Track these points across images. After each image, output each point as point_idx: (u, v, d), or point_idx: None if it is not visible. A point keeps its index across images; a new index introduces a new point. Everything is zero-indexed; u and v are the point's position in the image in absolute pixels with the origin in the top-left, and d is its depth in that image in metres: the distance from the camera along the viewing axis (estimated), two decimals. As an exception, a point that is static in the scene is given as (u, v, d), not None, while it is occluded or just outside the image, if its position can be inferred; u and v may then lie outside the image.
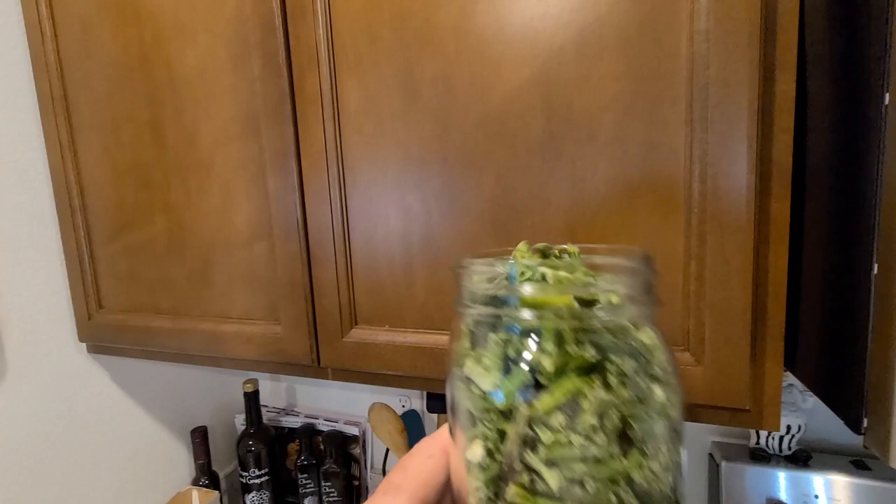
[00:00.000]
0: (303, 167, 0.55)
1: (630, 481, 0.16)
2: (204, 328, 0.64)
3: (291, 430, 1.01)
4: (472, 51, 0.46)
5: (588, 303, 0.16)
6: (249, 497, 0.92)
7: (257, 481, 0.92)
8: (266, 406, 1.04)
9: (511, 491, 0.16)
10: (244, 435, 0.93)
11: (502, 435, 0.16)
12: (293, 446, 1.02)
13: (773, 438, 0.71)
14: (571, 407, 0.16)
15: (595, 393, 0.16)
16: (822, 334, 0.39)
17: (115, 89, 0.64)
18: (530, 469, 0.16)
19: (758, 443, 0.72)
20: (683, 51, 0.40)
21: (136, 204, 0.66)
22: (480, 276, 0.18)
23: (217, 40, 0.57)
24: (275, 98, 0.55)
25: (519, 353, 0.16)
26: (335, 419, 0.99)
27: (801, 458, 0.69)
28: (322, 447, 0.95)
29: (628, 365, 0.16)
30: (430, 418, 0.93)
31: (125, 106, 0.64)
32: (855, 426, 0.31)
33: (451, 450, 0.19)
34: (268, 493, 0.93)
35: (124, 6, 0.61)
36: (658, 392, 0.16)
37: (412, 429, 0.90)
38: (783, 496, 0.69)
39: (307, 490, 0.95)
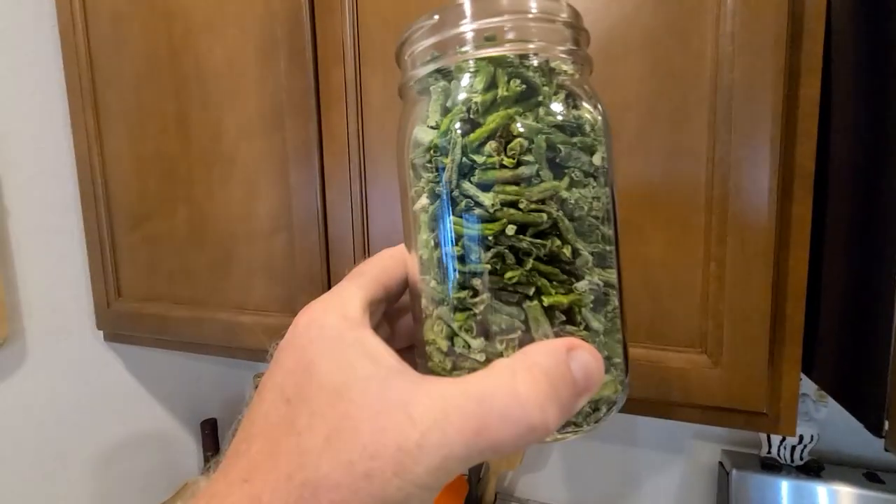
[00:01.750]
0: (325, 161, 0.56)
1: (561, 202, 0.17)
2: (221, 318, 0.65)
3: (299, 425, 1.02)
4: (496, 50, 0.47)
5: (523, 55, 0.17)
6: (256, 490, 0.92)
7: (264, 474, 0.92)
8: (274, 400, 1.04)
9: (452, 220, 0.17)
10: (253, 428, 0.93)
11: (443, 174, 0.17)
12: (300, 441, 1.02)
13: (784, 448, 0.70)
14: (503, 135, 0.16)
15: (524, 121, 0.17)
16: (842, 339, 0.39)
17: (143, 82, 0.65)
18: (467, 196, 0.17)
19: (769, 452, 0.72)
20: (709, 53, 0.41)
21: (159, 195, 0.67)
22: (422, 34, 0.18)
23: (245, 35, 0.58)
24: (300, 92, 0.56)
25: (455, 96, 0.17)
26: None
27: (813, 469, 0.68)
28: (329, 443, 0.96)
29: (555, 103, 0.17)
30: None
31: (152, 99, 0.65)
32: (875, 430, 0.31)
33: (407, 256, 0.20)
34: (274, 487, 0.93)
35: (155, 1, 0.62)
36: (585, 126, 0.17)
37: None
38: (794, 507, 0.68)
39: (313, 485, 0.95)
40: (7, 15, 0.65)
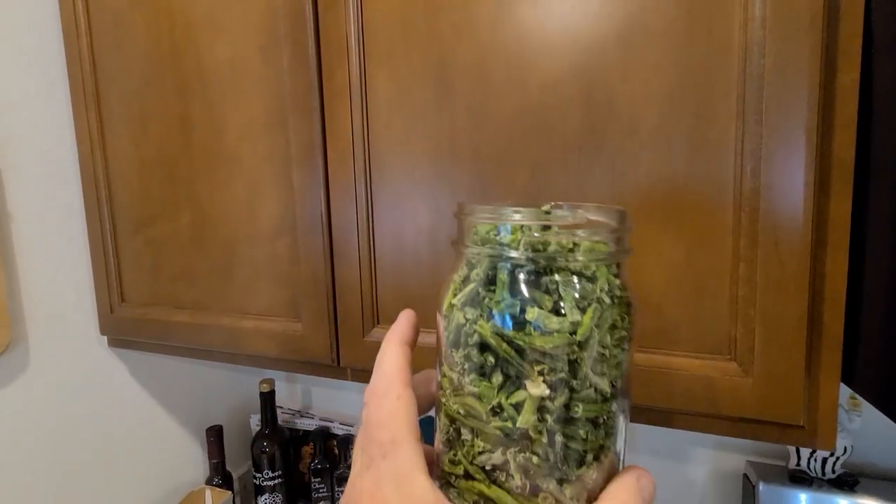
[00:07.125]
0: (329, 161, 0.54)
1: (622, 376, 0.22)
2: (224, 323, 0.63)
3: (306, 432, 1.00)
4: (508, 40, 0.45)
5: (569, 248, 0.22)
6: (262, 499, 0.90)
7: (270, 483, 0.90)
8: (281, 407, 1.02)
9: (575, 405, 0.21)
10: (259, 436, 0.91)
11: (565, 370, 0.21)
12: (307, 449, 1.00)
13: (815, 460, 0.66)
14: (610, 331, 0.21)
15: (621, 321, 0.22)
16: (889, 347, 0.36)
17: (145, 82, 0.64)
18: (591, 384, 0.21)
19: (798, 464, 0.68)
20: (736, 39, 0.38)
21: (162, 197, 0.66)
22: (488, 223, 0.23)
23: (247, 32, 0.56)
24: (303, 90, 0.54)
25: (587, 294, 0.21)
26: (350, 423, 0.97)
27: (847, 483, 0.64)
28: (336, 451, 0.93)
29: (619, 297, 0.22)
30: (448, 425, 0.90)
31: (154, 99, 0.64)
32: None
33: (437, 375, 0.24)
34: (280, 496, 0.91)
35: None
36: (626, 318, 0.22)
37: (428, 435, 0.88)
38: (826, 523, 0.64)
39: (320, 494, 0.93)
40: (10, 15, 0.65)
